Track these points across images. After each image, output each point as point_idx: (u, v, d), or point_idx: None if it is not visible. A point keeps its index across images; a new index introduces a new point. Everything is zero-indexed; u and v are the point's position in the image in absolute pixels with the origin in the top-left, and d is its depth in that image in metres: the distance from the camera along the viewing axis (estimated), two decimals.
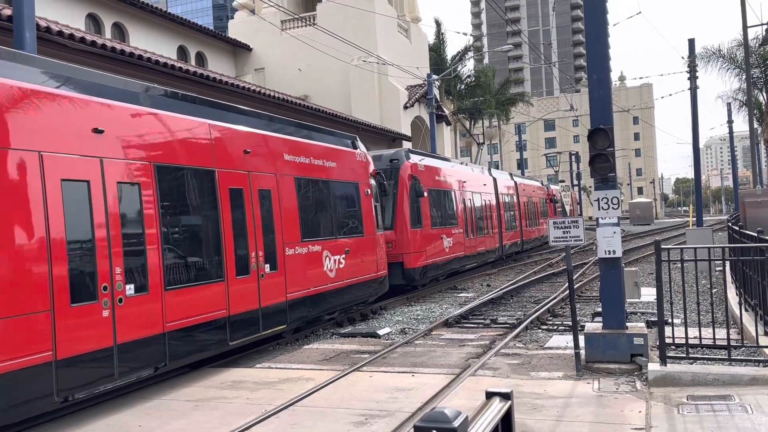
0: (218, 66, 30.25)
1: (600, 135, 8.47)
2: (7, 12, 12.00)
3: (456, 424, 2.08)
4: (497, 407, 2.40)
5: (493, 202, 24.99)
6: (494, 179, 26.00)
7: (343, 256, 12.64)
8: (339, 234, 12.66)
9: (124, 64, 15.64)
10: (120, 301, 7.37)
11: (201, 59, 29.99)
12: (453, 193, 20.31)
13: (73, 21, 20.48)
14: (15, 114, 6.53)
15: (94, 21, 23.74)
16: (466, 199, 21.40)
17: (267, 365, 9.55)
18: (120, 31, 24.87)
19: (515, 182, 29.84)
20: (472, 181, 22.78)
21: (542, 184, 38.29)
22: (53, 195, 6.75)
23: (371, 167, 14.58)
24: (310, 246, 11.49)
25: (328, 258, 11.99)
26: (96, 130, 7.36)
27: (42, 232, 6.59)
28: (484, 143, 30.20)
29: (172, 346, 8.10)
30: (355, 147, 14.09)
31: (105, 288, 7.18)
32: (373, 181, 14.49)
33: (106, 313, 7.16)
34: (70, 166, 7.00)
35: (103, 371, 7.12)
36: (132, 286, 7.58)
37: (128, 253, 7.59)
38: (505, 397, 2.58)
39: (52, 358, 6.56)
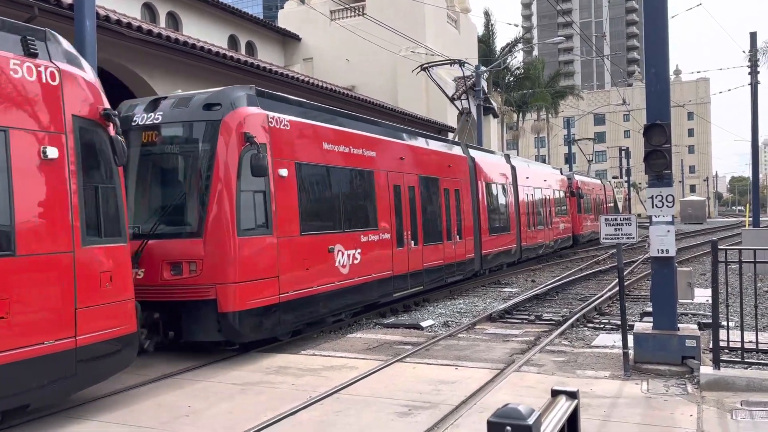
0: (267, 55, 30.60)
1: (656, 131, 8.23)
2: (68, 0, 12.38)
3: (530, 421, 2.11)
4: (564, 406, 2.40)
5: (468, 194, 17.58)
6: (472, 159, 18.32)
7: None
8: None
9: (177, 52, 15.97)
10: None
11: (251, 48, 30.38)
12: (368, 174, 12.47)
13: (130, 10, 21.01)
14: None
15: (149, 10, 24.32)
16: (402, 187, 13.76)
17: (311, 352, 9.66)
18: (174, 20, 25.40)
19: (512, 166, 22.14)
20: (421, 160, 15.01)
21: (561, 173, 31.15)
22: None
23: (89, 99, 6.81)
24: None
25: None
26: None
27: None
28: (480, 115, 26.07)
29: None
30: (28, 51, 6.25)
31: None
32: (98, 132, 6.86)
33: None
34: None
35: None
36: None
37: None
38: (572, 396, 2.59)
39: None
